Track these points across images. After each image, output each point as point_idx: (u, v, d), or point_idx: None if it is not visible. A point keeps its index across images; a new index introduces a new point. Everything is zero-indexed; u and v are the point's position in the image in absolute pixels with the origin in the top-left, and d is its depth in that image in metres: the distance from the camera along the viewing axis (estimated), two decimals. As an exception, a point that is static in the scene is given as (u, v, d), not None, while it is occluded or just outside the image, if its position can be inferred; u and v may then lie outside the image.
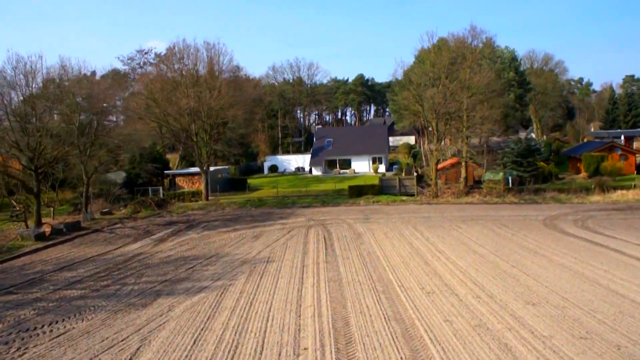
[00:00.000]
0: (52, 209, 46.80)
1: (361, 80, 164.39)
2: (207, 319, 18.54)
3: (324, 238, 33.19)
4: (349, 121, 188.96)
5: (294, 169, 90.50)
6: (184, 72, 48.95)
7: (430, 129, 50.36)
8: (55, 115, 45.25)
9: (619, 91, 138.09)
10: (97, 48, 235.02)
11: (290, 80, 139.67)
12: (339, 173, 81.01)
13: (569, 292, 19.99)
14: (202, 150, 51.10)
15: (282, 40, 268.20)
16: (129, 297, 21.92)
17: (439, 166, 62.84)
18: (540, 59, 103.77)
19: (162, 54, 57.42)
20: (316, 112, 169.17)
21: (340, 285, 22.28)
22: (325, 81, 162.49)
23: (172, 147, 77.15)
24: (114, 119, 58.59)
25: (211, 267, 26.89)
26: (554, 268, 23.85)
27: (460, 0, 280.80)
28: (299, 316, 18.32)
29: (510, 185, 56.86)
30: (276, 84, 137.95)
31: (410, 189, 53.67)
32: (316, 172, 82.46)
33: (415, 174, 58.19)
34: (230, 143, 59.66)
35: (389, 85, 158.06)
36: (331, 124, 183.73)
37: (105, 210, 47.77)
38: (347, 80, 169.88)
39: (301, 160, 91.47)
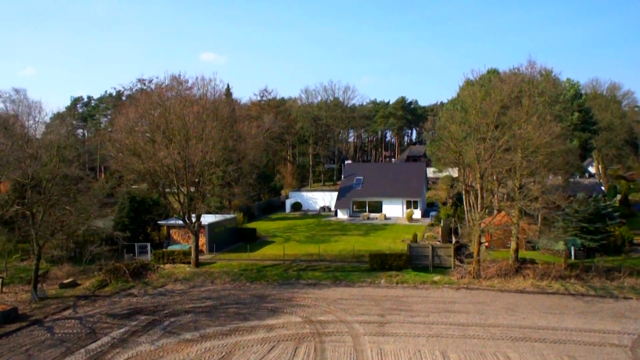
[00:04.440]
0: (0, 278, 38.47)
1: (402, 104, 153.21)
2: None
3: (311, 377, 23.46)
4: (388, 140, 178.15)
5: (318, 209, 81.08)
6: (169, 114, 39.72)
7: (471, 190, 39.88)
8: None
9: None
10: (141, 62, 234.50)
11: (327, 101, 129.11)
12: (368, 218, 71.06)
13: None
14: (187, 209, 42.11)
15: (319, 56, 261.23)
16: None
17: (482, 224, 52.11)
18: (605, 89, 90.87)
19: (164, 84, 48.92)
20: (354, 135, 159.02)
21: None
22: (364, 103, 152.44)
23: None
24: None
25: None
26: None
27: (513, 18, 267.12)
28: None
29: (572, 256, 45.66)
30: (310, 106, 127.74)
31: (445, 261, 43.38)
32: (342, 214, 72.85)
33: (453, 240, 47.72)
34: (239, 193, 50.51)
35: (432, 109, 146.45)
36: (369, 147, 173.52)
37: (68, 281, 39.30)
38: (388, 102, 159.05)
39: (328, 199, 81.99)
